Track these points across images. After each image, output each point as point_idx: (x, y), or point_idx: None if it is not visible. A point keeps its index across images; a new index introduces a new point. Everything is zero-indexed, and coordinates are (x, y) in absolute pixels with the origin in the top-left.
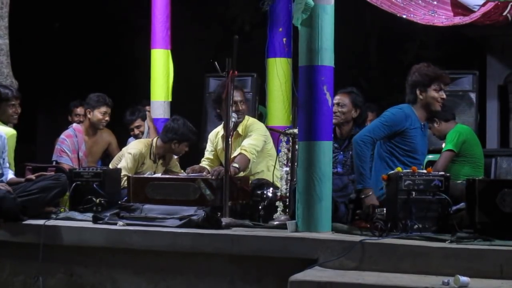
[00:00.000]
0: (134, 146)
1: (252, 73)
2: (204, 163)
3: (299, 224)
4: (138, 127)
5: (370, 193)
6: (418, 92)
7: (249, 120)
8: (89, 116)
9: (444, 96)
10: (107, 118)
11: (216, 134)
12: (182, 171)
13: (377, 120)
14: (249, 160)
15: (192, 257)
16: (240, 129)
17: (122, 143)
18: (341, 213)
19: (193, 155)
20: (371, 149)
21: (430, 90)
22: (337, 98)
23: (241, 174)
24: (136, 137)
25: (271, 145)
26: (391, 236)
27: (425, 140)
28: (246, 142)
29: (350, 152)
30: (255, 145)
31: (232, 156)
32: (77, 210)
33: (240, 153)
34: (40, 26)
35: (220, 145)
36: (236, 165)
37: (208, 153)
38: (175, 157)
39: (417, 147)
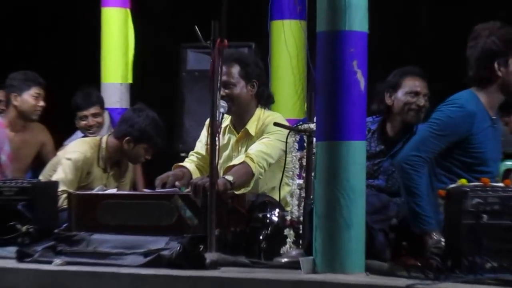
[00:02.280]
0: (75, 149)
1: (250, 42)
2: (190, 159)
3: (318, 262)
4: (95, 115)
5: (436, 237)
6: (496, 66)
7: (268, 116)
8: (15, 102)
9: None
10: (41, 103)
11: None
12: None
13: (425, 129)
14: (253, 175)
15: None
16: (252, 126)
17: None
18: (379, 245)
19: (164, 160)
20: (424, 173)
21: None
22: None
23: (240, 191)
24: (89, 130)
25: (291, 155)
26: (452, 279)
27: (497, 139)
28: (255, 148)
29: None
30: (268, 155)
31: (230, 165)
32: None
33: (242, 162)
34: None
35: (221, 141)
36: (229, 177)
37: (200, 146)
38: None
39: (487, 155)
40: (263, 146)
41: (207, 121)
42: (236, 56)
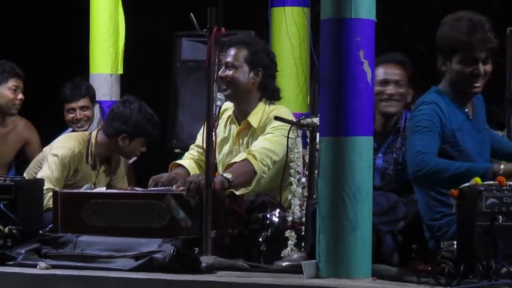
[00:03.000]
0: (62, 144)
1: (249, 31)
2: (190, 153)
3: (322, 266)
4: (83, 108)
5: (501, 166)
6: (441, 60)
7: (274, 109)
8: None
9: (482, 71)
10: (20, 96)
11: (220, 113)
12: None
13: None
14: (255, 173)
15: None
16: (254, 118)
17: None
18: (386, 249)
19: (157, 157)
20: (436, 159)
21: (455, 61)
22: (395, 73)
23: (240, 191)
24: (76, 124)
25: (293, 152)
26: (465, 285)
27: (478, 131)
28: (259, 144)
29: (394, 155)
30: (273, 152)
31: (230, 162)
32: None
33: (244, 159)
34: None
35: (222, 133)
36: (228, 175)
37: (200, 139)
38: (124, 163)
39: (469, 151)
40: (267, 142)
41: None
42: (246, 40)
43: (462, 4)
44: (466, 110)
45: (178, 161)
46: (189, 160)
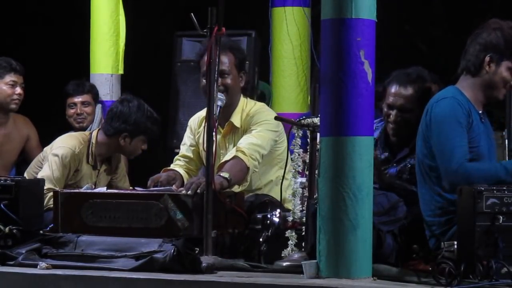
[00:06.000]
0: (63, 144)
1: (249, 31)
2: (177, 163)
3: (322, 266)
4: (84, 104)
5: None
6: (487, 59)
7: (252, 106)
8: None
9: None
10: (19, 91)
11: (201, 121)
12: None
13: (442, 133)
14: (248, 168)
15: None
16: (236, 118)
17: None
18: (387, 249)
19: (158, 157)
20: (473, 172)
21: (504, 66)
22: (402, 97)
23: (235, 189)
24: (77, 119)
25: (284, 147)
26: (465, 285)
27: (488, 135)
28: (245, 141)
29: (408, 165)
30: (260, 147)
31: (221, 161)
32: None
33: (234, 157)
34: None
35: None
36: (225, 174)
37: (185, 148)
38: (124, 161)
39: (481, 150)
40: (253, 138)
41: (190, 121)
42: (230, 45)
43: (462, 4)
44: (480, 112)
45: (169, 168)
46: (180, 168)
